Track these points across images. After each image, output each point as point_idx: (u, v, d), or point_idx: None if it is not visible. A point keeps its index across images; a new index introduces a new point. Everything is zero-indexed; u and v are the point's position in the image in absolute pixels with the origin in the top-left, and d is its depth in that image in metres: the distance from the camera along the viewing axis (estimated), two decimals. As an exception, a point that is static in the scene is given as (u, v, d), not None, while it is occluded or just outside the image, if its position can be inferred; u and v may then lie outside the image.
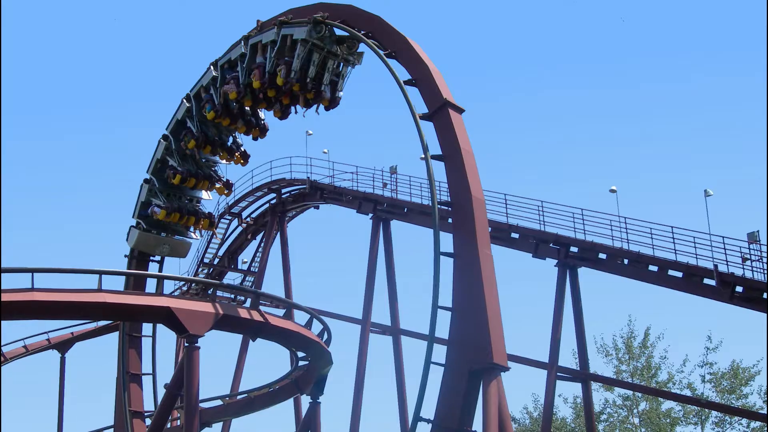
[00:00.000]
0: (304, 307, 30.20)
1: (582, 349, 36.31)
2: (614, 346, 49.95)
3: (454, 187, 26.07)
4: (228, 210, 48.24)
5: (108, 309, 26.07)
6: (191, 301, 27.53)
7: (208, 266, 49.51)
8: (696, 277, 32.15)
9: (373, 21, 29.56)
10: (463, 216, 25.52)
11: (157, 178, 35.08)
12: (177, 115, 34.42)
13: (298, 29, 29.61)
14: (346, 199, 43.37)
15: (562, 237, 35.63)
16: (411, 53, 28.20)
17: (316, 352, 29.63)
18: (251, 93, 31.53)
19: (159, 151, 34.90)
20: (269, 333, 28.25)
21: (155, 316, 27.09)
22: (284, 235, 46.92)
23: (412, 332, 40.55)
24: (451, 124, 26.38)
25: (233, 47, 32.30)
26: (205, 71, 33.36)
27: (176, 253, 36.44)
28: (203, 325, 26.01)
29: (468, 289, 24.65)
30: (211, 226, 37.11)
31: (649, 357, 49.25)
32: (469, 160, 26.06)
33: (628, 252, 33.86)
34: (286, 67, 29.68)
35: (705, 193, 34.26)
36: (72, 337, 43.86)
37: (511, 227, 36.89)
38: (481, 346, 23.88)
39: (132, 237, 35.65)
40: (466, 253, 25.03)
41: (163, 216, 34.66)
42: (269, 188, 47.10)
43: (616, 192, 36.24)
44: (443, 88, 27.18)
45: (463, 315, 24.60)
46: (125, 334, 35.09)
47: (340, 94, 30.71)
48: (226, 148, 34.78)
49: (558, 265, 35.93)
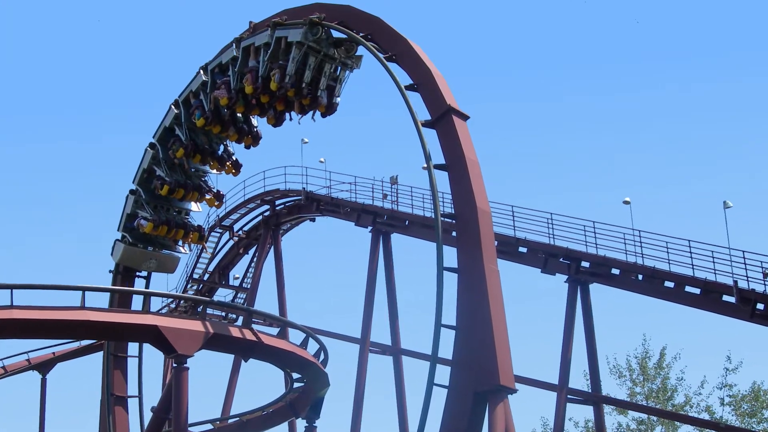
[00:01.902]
0: (300, 325, 30.17)
1: (594, 370, 36.28)
2: (628, 367, 49.87)
3: (458, 199, 26.04)
4: (219, 223, 48.28)
5: (91, 327, 25.99)
6: (180, 319, 27.46)
7: (197, 282, 49.50)
8: (714, 293, 32.15)
9: (372, 22, 29.56)
10: (467, 229, 25.48)
11: (143, 189, 35.02)
12: (164, 123, 34.38)
13: (293, 31, 29.60)
14: (343, 211, 43.39)
15: (573, 251, 35.65)
16: (412, 56, 28.19)
17: (312, 374, 29.59)
18: (243, 99, 31.51)
19: (145, 161, 34.85)
20: (262, 353, 28.18)
21: (142, 335, 27.03)
22: (278, 249, 46.95)
23: (413, 352, 40.56)
24: (455, 132, 26.36)
25: (224, 50, 32.29)
26: (194, 76, 33.32)
27: (164, 269, 36.40)
28: (192, 345, 25.93)
29: (473, 307, 24.59)
30: (201, 240, 37.05)
31: (664, 378, 49.15)
32: (474, 169, 26.03)
33: (643, 267, 33.86)
34: (281, 72, 29.65)
35: (724, 205, 34.26)
36: (53, 357, 43.87)
37: (518, 241, 36.92)
38: (487, 367, 23.82)
39: (117, 251, 35.61)
40: (471, 268, 24.97)
41: (150, 229, 34.58)
42: (262, 200, 47.15)
43: (629, 203, 36.29)
44: (447, 93, 27.17)
45: (468, 334, 24.53)
46: (110, 354, 34.99)
47: (338, 100, 30.68)
48: (217, 157, 34.73)
49: (568, 280, 35.94)
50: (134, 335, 28.01)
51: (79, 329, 26.36)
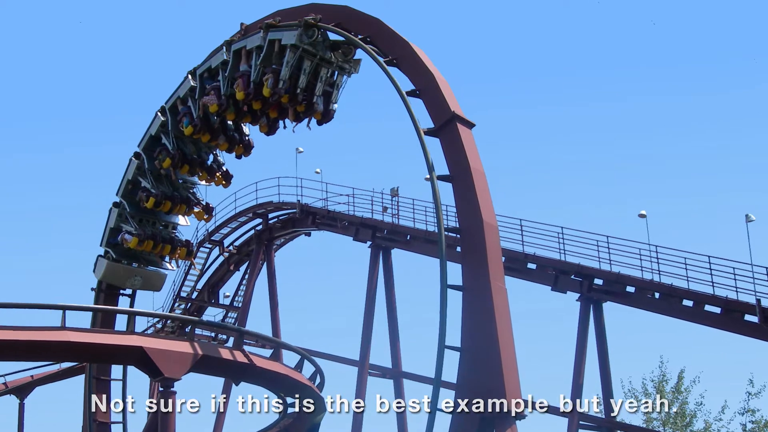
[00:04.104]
0: (294, 346, 30.16)
1: (607, 394, 36.24)
2: (644, 391, 49.70)
3: (463, 212, 26.06)
4: (208, 237, 48.26)
5: (72, 349, 25.92)
6: (166, 340, 27.43)
7: (185, 301, 49.46)
8: (736, 312, 32.13)
9: (371, 24, 29.63)
10: (473, 244, 25.48)
11: (127, 202, 35.03)
12: (150, 131, 34.40)
13: (287, 33, 29.64)
14: (341, 225, 43.41)
15: (585, 268, 35.63)
16: (414, 60, 28.25)
17: (307, 398, 29.52)
18: (234, 105, 31.53)
19: (130, 171, 34.86)
20: (254, 376, 28.17)
21: (126, 357, 26.98)
22: (271, 266, 46.93)
23: (415, 375, 40.50)
24: (460, 141, 26.40)
25: (214, 54, 32.33)
26: (182, 81, 33.38)
27: (150, 286, 36.40)
28: (180, 368, 25.92)
29: (479, 327, 24.60)
30: (189, 256, 37.06)
31: (683, 403, 48.96)
32: (479, 180, 26.06)
33: (660, 285, 33.85)
34: (274, 76, 29.69)
35: (746, 219, 34.26)
36: (32, 380, 43.77)
37: (527, 257, 36.91)
38: (494, 391, 23.83)
39: (99, 268, 35.60)
40: (477, 285, 24.98)
41: (135, 244, 34.57)
42: (254, 213, 47.16)
43: (645, 217, 36.28)
44: (451, 99, 27.22)
45: (474, 356, 24.54)
46: (92, 377, 35.02)
47: (335, 107, 30.71)
48: (206, 168, 34.75)
49: (580, 299, 35.92)
50: (118, 357, 27.96)
51: (59, 351, 26.26)
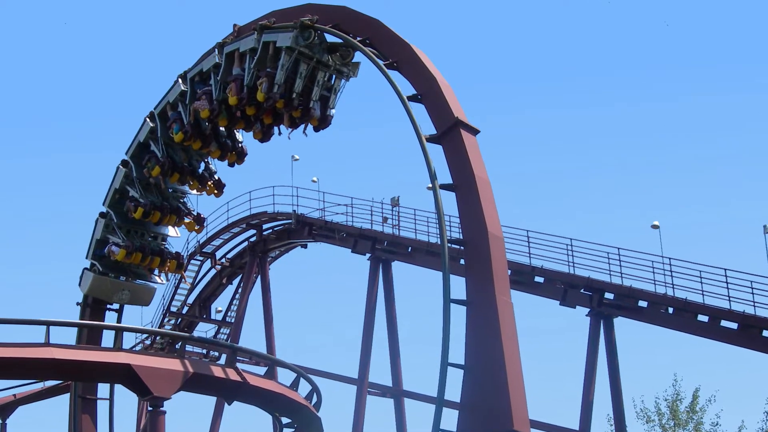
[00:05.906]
0: (290, 364, 30.16)
1: (619, 414, 36.24)
2: (657, 411, 49.66)
3: (467, 223, 26.04)
4: (199, 249, 48.32)
5: (57, 367, 25.90)
6: (156, 357, 27.45)
7: (175, 316, 49.51)
8: (754, 328, 32.16)
9: (371, 25, 29.64)
10: (477, 256, 25.46)
11: (115, 212, 35.04)
12: (139, 137, 34.42)
13: (282, 35, 29.66)
14: (339, 237, 43.43)
15: (595, 281, 35.67)
16: (416, 63, 28.25)
17: (303, 418, 29.57)
18: (227, 111, 31.55)
19: (117, 180, 34.88)
20: (248, 395, 28.17)
21: (113, 374, 26.99)
22: (266, 279, 46.96)
23: (417, 394, 40.53)
24: (464, 148, 26.38)
25: (205, 56, 32.38)
26: (172, 85, 33.40)
27: (138, 301, 36.39)
28: (170, 386, 25.92)
29: (483, 344, 24.55)
30: (179, 269, 37.05)
31: (698, 423, 49.00)
32: (484, 189, 26.04)
33: (674, 299, 33.88)
34: (268, 80, 29.69)
35: (764, 230, 34.36)
36: (14, 399, 43.75)
37: (534, 270, 36.95)
38: (499, 411, 23.76)
39: (85, 281, 35.58)
40: (482, 300, 24.94)
41: (123, 256, 34.56)
42: (248, 224, 47.22)
43: (658, 228, 36.33)
44: (454, 104, 27.20)
45: (478, 374, 24.49)
46: (77, 396, 34.98)
47: (332, 112, 30.76)
48: (197, 176, 34.76)
49: (590, 314, 35.94)
50: (104, 375, 27.94)
51: (43, 368, 26.25)
